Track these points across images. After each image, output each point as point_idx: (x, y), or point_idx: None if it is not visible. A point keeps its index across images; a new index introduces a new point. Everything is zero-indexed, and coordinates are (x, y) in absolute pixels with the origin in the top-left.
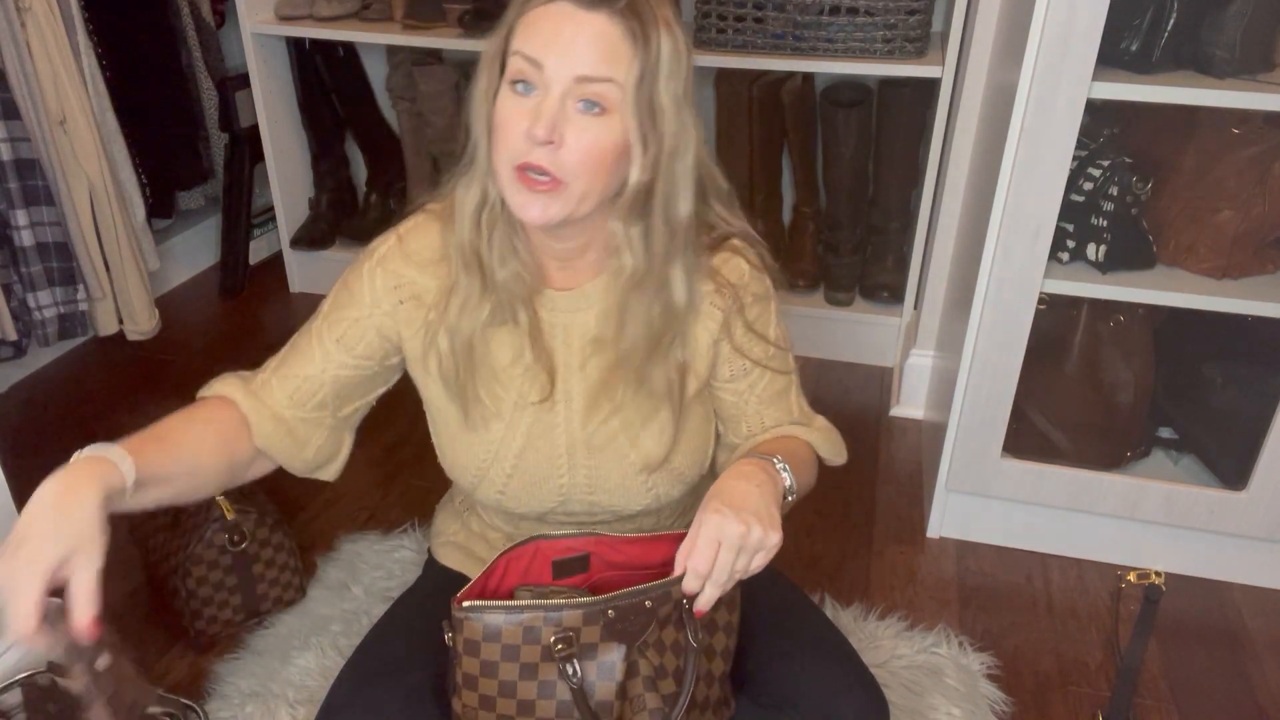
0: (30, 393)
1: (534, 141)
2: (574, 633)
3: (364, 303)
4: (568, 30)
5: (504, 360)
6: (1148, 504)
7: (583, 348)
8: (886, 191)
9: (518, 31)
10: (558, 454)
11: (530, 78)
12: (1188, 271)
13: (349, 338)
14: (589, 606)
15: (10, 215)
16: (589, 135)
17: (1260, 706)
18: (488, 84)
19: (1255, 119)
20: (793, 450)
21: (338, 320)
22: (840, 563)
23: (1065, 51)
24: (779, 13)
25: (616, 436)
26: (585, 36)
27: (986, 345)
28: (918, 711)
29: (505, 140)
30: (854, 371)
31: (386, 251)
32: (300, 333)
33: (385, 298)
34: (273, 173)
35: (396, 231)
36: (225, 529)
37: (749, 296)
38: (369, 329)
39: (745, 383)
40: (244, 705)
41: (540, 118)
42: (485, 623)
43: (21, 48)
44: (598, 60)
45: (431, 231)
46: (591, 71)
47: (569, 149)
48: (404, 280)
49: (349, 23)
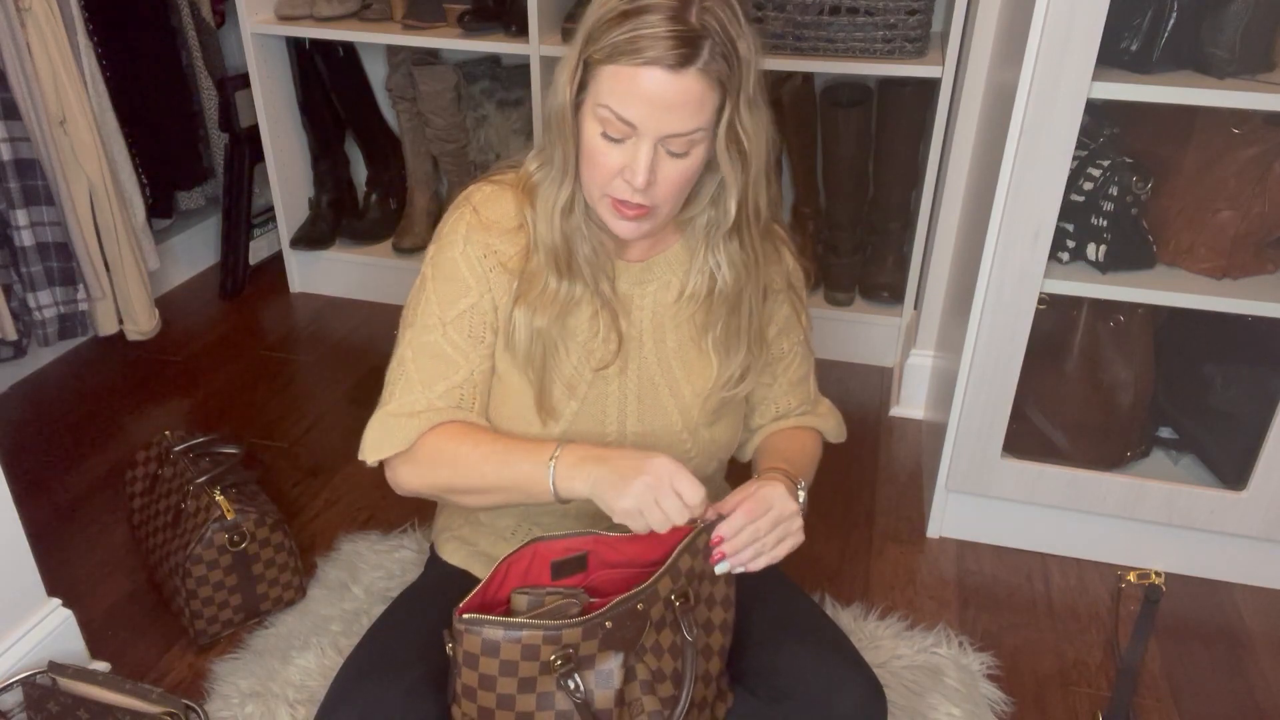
0: (30, 393)
1: (632, 187)
2: (573, 648)
3: (471, 286)
4: (660, 97)
5: (576, 329)
6: (1148, 504)
7: (653, 318)
8: (886, 191)
9: (604, 81)
10: (609, 421)
11: (622, 131)
12: (1188, 271)
13: (476, 329)
14: (587, 623)
15: (10, 215)
16: (677, 169)
17: (1260, 706)
18: (569, 96)
19: (1255, 119)
20: (810, 453)
21: (456, 316)
22: (840, 563)
23: (1065, 51)
24: (779, 13)
25: (666, 403)
26: (677, 100)
27: (986, 345)
28: (918, 711)
29: (598, 174)
30: (854, 371)
31: (467, 227)
32: (420, 347)
33: (485, 272)
34: (273, 173)
35: (470, 204)
36: (225, 529)
37: (796, 280)
38: (486, 309)
39: (780, 366)
40: (244, 705)
41: (637, 170)
42: (484, 637)
43: (21, 48)
44: (688, 118)
45: (505, 200)
46: (682, 129)
47: (659, 185)
48: (490, 249)
49: (349, 23)
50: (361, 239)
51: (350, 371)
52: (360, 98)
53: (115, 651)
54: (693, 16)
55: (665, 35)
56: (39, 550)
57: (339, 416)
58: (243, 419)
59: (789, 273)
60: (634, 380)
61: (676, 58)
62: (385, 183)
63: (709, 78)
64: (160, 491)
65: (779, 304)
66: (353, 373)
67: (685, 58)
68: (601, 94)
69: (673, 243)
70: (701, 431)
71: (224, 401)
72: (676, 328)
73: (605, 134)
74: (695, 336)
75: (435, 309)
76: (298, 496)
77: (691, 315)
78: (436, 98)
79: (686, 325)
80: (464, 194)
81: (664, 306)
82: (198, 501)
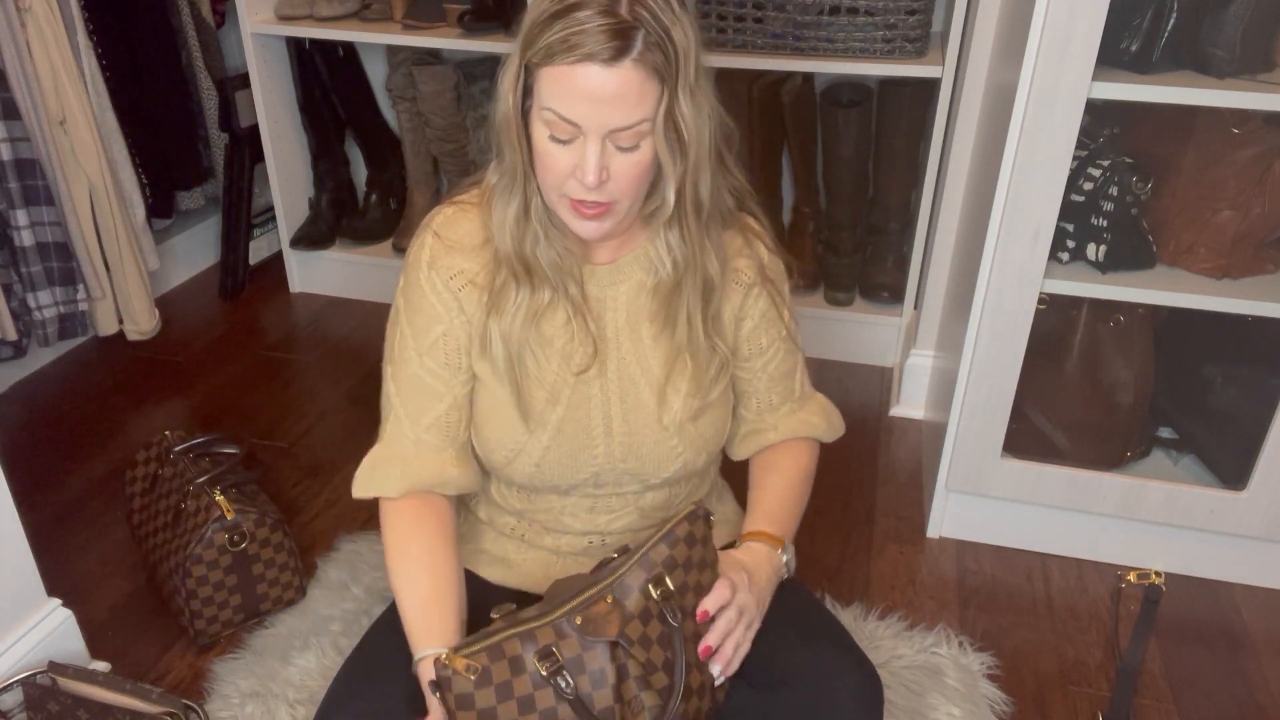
0: (30, 393)
1: (585, 187)
2: (554, 647)
3: (439, 314)
4: (598, 92)
5: (552, 336)
6: (1148, 504)
7: (628, 319)
8: (886, 191)
9: (544, 84)
10: (594, 424)
11: (567, 132)
12: (1188, 271)
13: (451, 356)
14: (555, 620)
15: (10, 215)
16: (629, 162)
17: (1260, 706)
18: (513, 103)
19: (1255, 119)
20: (799, 487)
21: (431, 346)
22: (840, 563)
23: (1065, 51)
24: (779, 13)
25: (649, 401)
26: (615, 93)
27: (986, 345)
28: (918, 711)
29: (550, 176)
30: (854, 371)
31: (430, 253)
32: (402, 380)
33: (452, 296)
34: (273, 173)
35: (430, 230)
36: (225, 529)
37: (771, 273)
38: (460, 334)
39: (760, 361)
40: (244, 705)
41: (587, 170)
42: (471, 664)
43: (21, 48)
44: (630, 110)
45: (467, 219)
46: (626, 122)
47: (614, 180)
48: (457, 270)
49: (349, 23)
50: (361, 239)
51: (350, 371)
52: (360, 98)
53: (115, 651)
54: (623, 9)
55: (597, 30)
56: (39, 550)
57: (339, 416)
58: (243, 419)
59: (763, 265)
60: (615, 381)
61: (610, 51)
62: (385, 183)
63: (645, 68)
64: (160, 491)
65: (753, 298)
66: (353, 373)
67: (619, 50)
68: (544, 97)
69: (641, 241)
70: (687, 427)
71: (224, 401)
72: (651, 324)
73: (553, 137)
74: (667, 331)
75: (410, 340)
76: (298, 496)
77: (653, 311)
78: (436, 98)
79: (656, 321)
80: (425, 220)
81: (638, 305)
82: (198, 501)
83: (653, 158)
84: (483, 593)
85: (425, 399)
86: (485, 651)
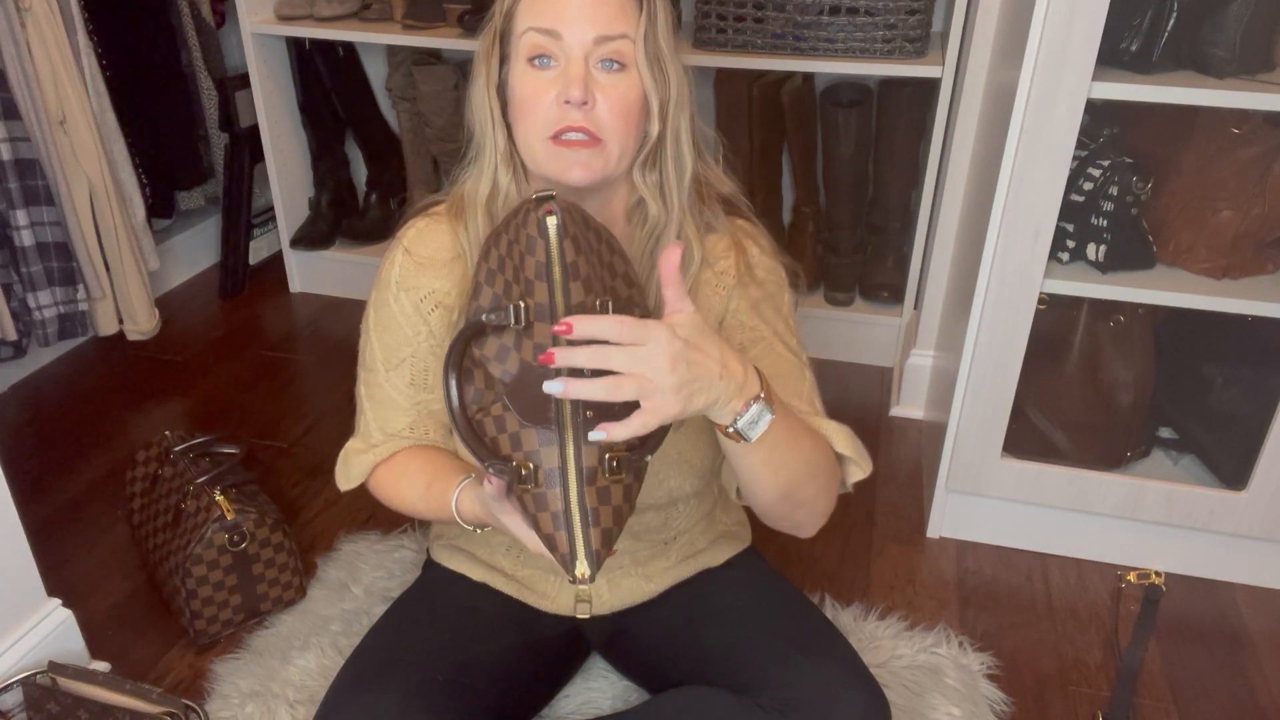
0: (30, 393)
1: (572, 104)
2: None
3: (407, 334)
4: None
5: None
6: (1148, 504)
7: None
8: (886, 191)
9: (521, 11)
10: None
11: (549, 50)
12: (1188, 271)
13: (418, 376)
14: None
15: (10, 215)
16: (616, 91)
17: (1260, 706)
18: (488, 77)
19: (1255, 119)
20: (809, 431)
21: (398, 364)
22: (840, 563)
23: (1065, 51)
24: (779, 13)
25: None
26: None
27: (986, 345)
28: (918, 711)
29: (535, 113)
30: (854, 371)
31: (400, 272)
32: (371, 388)
33: (421, 320)
34: (273, 173)
35: (401, 246)
36: (225, 529)
37: (761, 272)
38: (427, 357)
39: (754, 352)
40: (244, 705)
41: (571, 82)
42: None
43: (21, 48)
44: (612, 19)
45: (439, 232)
46: (609, 30)
47: (601, 107)
48: (425, 292)
49: (349, 23)
50: (361, 239)
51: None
52: (360, 98)
53: (115, 651)
54: None
55: None
56: (39, 550)
57: (339, 416)
58: (243, 419)
59: (750, 265)
60: None
61: None
62: (385, 183)
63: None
64: (160, 491)
65: (735, 298)
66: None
67: None
68: (523, 20)
69: (622, 193)
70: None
71: (224, 401)
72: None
73: (535, 60)
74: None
75: (379, 355)
76: (298, 496)
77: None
78: (436, 98)
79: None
80: (397, 234)
81: None
82: (198, 501)
83: (638, 95)
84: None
85: (391, 411)
86: None
